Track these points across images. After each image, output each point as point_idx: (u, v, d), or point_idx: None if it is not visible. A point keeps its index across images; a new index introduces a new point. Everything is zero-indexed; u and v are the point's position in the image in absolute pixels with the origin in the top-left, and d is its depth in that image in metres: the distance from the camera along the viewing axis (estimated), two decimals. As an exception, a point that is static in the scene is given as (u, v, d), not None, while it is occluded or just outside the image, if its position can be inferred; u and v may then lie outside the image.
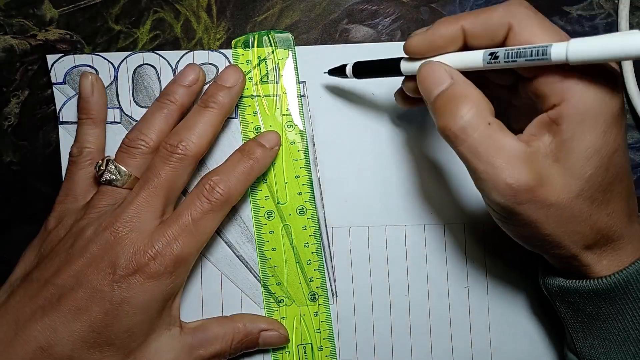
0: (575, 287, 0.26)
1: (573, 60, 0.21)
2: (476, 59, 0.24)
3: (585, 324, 0.26)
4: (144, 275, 0.27)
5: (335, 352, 0.34)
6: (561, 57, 0.21)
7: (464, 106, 0.24)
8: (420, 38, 0.25)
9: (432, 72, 0.25)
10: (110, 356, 0.28)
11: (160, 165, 0.29)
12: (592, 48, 0.21)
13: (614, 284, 0.24)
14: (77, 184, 0.31)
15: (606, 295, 0.25)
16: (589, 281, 0.25)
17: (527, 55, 0.22)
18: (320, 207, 0.34)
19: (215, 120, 0.30)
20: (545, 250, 0.26)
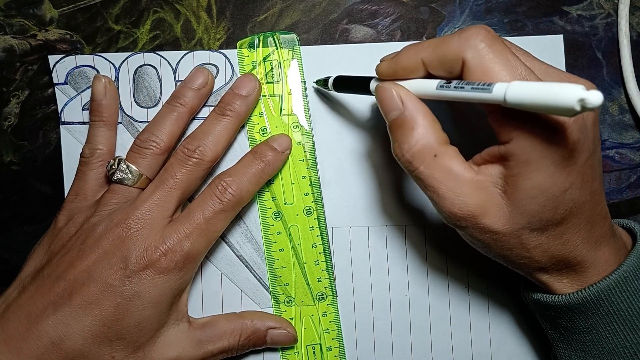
0: (547, 301, 0.27)
1: (510, 101, 0.20)
2: (432, 85, 0.24)
3: (563, 335, 0.27)
4: (154, 271, 0.28)
5: (344, 352, 0.34)
6: (500, 95, 0.21)
7: (411, 139, 0.25)
8: (386, 65, 0.26)
9: (385, 97, 0.26)
10: (120, 350, 0.28)
11: (177, 167, 0.30)
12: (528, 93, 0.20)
13: (582, 300, 0.25)
14: (88, 183, 0.31)
15: (578, 310, 0.25)
16: (556, 297, 0.26)
17: (474, 85, 0.22)
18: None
19: (231, 127, 0.31)
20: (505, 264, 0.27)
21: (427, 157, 0.25)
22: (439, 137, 0.25)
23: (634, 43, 0.34)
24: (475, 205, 0.24)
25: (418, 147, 0.25)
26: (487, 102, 0.21)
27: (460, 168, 0.24)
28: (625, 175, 0.34)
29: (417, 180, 0.26)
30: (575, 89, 0.18)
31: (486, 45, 0.23)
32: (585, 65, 0.34)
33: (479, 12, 0.34)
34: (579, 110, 0.18)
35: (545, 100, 0.19)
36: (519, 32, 0.34)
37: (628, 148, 0.34)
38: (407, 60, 0.25)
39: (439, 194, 0.25)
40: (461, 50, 0.23)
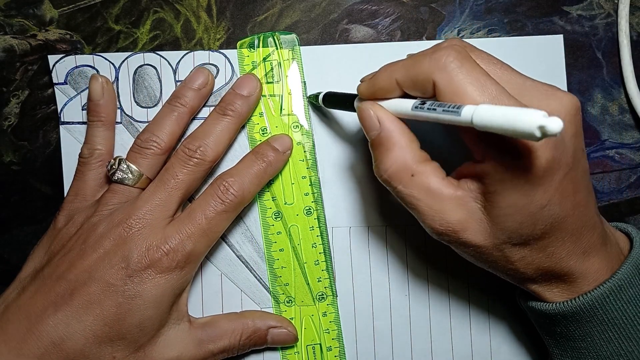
0: (541, 309, 0.27)
1: (477, 124, 0.20)
2: (407, 106, 0.25)
3: (558, 341, 0.27)
4: (156, 270, 0.28)
5: (344, 352, 0.34)
6: (468, 119, 0.21)
7: (388, 159, 0.25)
8: (365, 86, 0.27)
9: (364, 117, 0.26)
10: (121, 350, 0.28)
11: (178, 167, 0.30)
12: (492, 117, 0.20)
13: (576, 309, 0.25)
14: (87, 184, 0.31)
15: (572, 318, 0.25)
16: (549, 305, 0.26)
17: (445, 107, 0.22)
18: (320, 207, 0.34)
19: (232, 127, 0.32)
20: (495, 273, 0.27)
21: (405, 176, 0.25)
22: (416, 156, 0.25)
23: (634, 43, 0.34)
24: (456, 221, 0.24)
25: (395, 167, 0.25)
26: (457, 124, 0.21)
27: (439, 185, 0.25)
28: (625, 175, 0.34)
29: (398, 198, 0.26)
30: (535, 115, 0.18)
31: (456, 65, 0.23)
32: (585, 65, 0.34)
33: (479, 12, 0.34)
34: (539, 136, 0.18)
35: (509, 125, 0.19)
36: (519, 32, 0.34)
37: (628, 148, 0.34)
38: (383, 82, 0.25)
39: (419, 211, 0.25)
40: (431, 71, 0.23)
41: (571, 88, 0.34)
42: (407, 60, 0.25)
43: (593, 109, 0.34)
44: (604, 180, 0.34)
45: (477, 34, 0.34)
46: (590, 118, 0.34)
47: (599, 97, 0.34)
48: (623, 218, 0.34)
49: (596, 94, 0.34)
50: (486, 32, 0.34)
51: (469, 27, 0.34)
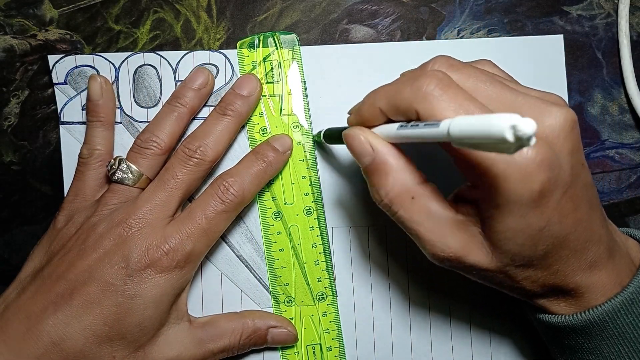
0: (549, 321, 0.26)
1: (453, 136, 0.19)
2: (392, 128, 0.24)
3: (566, 353, 0.27)
4: (156, 270, 0.28)
5: (344, 352, 0.34)
6: (444, 133, 0.20)
7: (387, 183, 0.24)
8: (352, 118, 0.26)
9: (354, 144, 0.25)
10: (121, 350, 0.28)
11: (178, 167, 0.30)
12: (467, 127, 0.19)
13: (585, 322, 0.25)
14: (87, 184, 0.31)
15: (581, 331, 0.25)
16: (558, 317, 0.26)
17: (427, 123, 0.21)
18: (320, 207, 0.34)
19: (232, 127, 0.31)
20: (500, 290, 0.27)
21: (405, 200, 0.24)
22: (415, 177, 0.24)
23: (634, 43, 0.34)
24: (458, 246, 0.24)
25: (395, 191, 0.24)
26: (437, 139, 0.21)
27: (439, 208, 0.24)
28: (625, 175, 0.34)
29: (398, 222, 0.25)
30: (507, 117, 0.17)
31: (438, 94, 0.22)
32: (585, 65, 0.34)
33: (479, 12, 0.34)
34: (512, 140, 0.16)
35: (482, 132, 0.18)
36: (519, 32, 0.34)
37: (628, 148, 0.34)
38: (367, 111, 0.25)
39: (419, 236, 0.24)
40: (413, 102, 0.23)
41: (571, 88, 0.34)
42: (389, 87, 0.24)
43: (593, 109, 0.34)
44: (604, 180, 0.34)
45: (477, 34, 0.34)
46: (590, 118, 0.34)
47: (599, 97, 0.34)
48: (623, 218, 0.34)
49: (596, 94, 0.34)
50: (486, 32, 0.34)
51: (469, 27, 0.34)
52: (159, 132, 0.31)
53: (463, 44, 0.33)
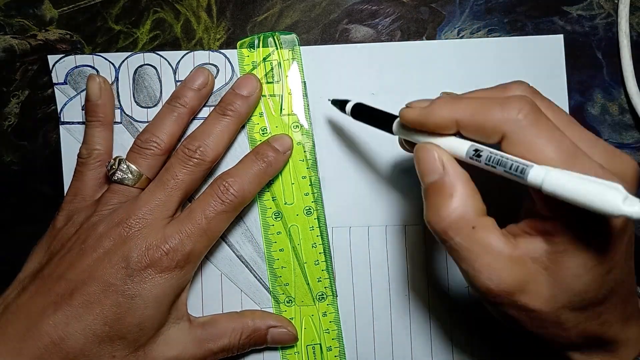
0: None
1: (547, 190, 0.19)
2: (462, 150, 0.23)
3: None
4: (156, 270, 0.28)
5: (344, 352, 0.34)
6: (537, 183, 0.20)
7: (449, 207, 0.23)
8: (415, 115, 0.24)
9: (425, 159, 0.24)
10: (121, 349, 0.28)
11: (178, 167, 0.30)
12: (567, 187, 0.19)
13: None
14: (86, 184, 0.31)
15: None
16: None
17: (507, 167, 0.21)
18: (320, 207, 0.34)
19: (231, 128, 0.31)
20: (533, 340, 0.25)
21: (465, 228, 0.23)
22: (478, 208, 0.23)
23: (634, 43, 0.34)
24: (514, 282, 0.22)
25: (455, 216, 0.23)
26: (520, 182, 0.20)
27: (498, 242, 0.23)
28: (625, 175, 0.34)
29: (451, 251, 0.24)
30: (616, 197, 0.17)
31: (531, 121, 0.21)
32: (585, 65, 0.34)
33: (479, 12, 0.34)
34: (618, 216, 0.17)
35: (585, 200, 0.18)
36: (519, 32, 0.34)
37: (628, 148, 0.34)
38: (441, 118, 0.23)
39: (474, 268, 0.23)
40: (502, 123, 0.22)
41: (571, 88, 0.34)
42: (474, 102, 0.23)
43: (593, 109, 0.34)
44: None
45: (477, 34, 0.34)
46: (590, 118, 0.34)
47: (599, 97, 0.34)
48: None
49: (596, 94, 0.34)
50: (486, 32, 0.34)
51: (469, 27, 0.34)
52: (159, 132, 0.31)
53: (463, 44, 0.33)
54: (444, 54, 0.33)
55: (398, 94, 0.33)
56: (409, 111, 0.25)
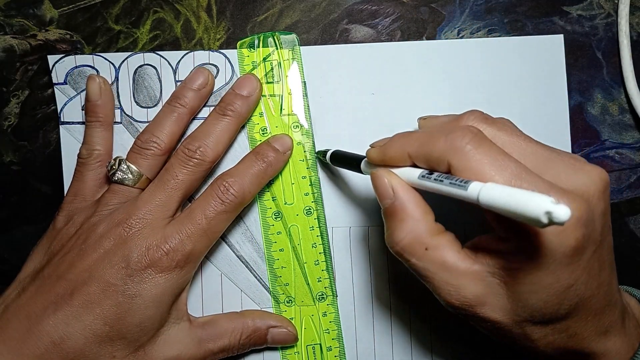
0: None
1: (482, 203, 0.20)
2: (414, 175, 0.24)
3: None
4: (156, 270, 0.28)
5: (344, 352, 0.34)
6: (474, 196, 0.20)
7: (401, 231, 0.24)
8: (375, 153, 0.26)
9: (378, 185, 0.25)
10: (121, 349, 0.28)
11: (178, 168, 0.30)
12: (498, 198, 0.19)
13: None
14: (86, 184, 0.31)
15: None
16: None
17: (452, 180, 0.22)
18: (320, 207, 0.34)
19: (231, 128, 0.32)
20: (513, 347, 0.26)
21: (418, 250, 0.24)
22: (431, 229, 0.24)
23: (634, 43, 0.34)
24: (473, 297, 0.23)
25: (408, 239, 0.24)
26: (464, 199, 0.21)
27: (454, 259, 0.23)
28: (625, 175, 0.34)
29: (411, 269, 0.25)
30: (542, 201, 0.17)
31: (472, 147, 0.22)
32: (585, 65, 0.34)
33: (479, 12, 0.34)
34: (546, 223, 0.17)
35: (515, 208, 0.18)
36: (519, 32, 0.34)
37: (628, 148, 0.34)
38: (394, 152, 0.25)
39: (434, 285, 0.24)
40: (446, 153, 0.22)
41: (571, 88, 0.34)
42: (421, 135, 0.24)
43: (593, 109, 0.34)
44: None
45: (477, 34, 0.34)
46: (590, 118, 0.34)
47: (599, 97, 0.34)
48: (623, 218, 0.34)
49: (596, 94, 0.34)
50: (486, 32, 0.34)
51: (469, 27, 0.34)
52: (159, 132, 0.31)
53: (463, 44, 0.33)
54: (444, 54, 0.33)
55: (398, 94, 0.33)
56: (371, 150, 0.27)
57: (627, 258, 0.34)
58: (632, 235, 0.35)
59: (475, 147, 0.22)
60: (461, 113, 0.25)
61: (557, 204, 0.17)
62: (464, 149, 0.22)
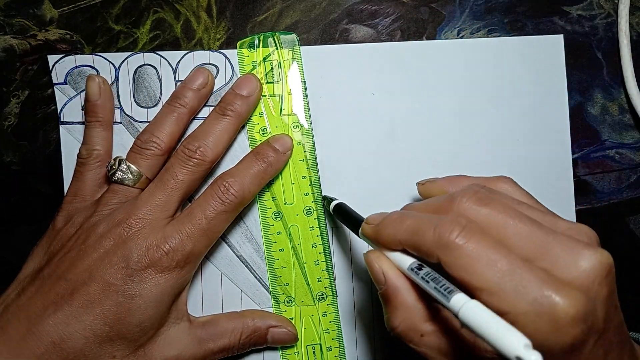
0: None
1: (461, 320, 0.20)
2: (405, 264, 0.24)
3: None
4: (156, 270, 0.28)
5: (344, 352, 0.34)
6: (455, 310, 0.20)
7: (395, 319, 0.24)
8: (370, 232, 0.26)
9: (371, 270, 0.25)
10: (121, 349, 0.28)
11: (178, 168, 0.30)
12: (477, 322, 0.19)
13: None
14: (86, 184, 0.31)
15: None
16: None
17: (438, 285, 0.21)
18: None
19: (231, 128, 0.31)
20: None
21: (414, 337, 0.24)
22: (425, 315, 0.24)
23: (634, 43, 0.34)
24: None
25: (402, 327, 0.24)
26: (447, 308, 0.21)
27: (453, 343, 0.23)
28: (625, 175, 0.34)
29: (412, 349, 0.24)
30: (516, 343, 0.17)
31: (462, 242, 0.21)
32: (585, 65, 0.34)
33: (479, 12, 0.34)
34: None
35: (489, 338, 0.18)
36: (519, 32, 0.34)
37: (628, 148, 0.34)
38: (387, 237, 0.25)
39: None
40: (435, 248, 0.22)
41: (571, 88, 0.34)
42: (411, 224, 0.24)
43: (593, 109, 0.34)
44: (604, 180, 0.34)
45: (477, 34, 0.34)
46: (590, 118, 0.34)
47: (599, 97, 0.34)
48: (623, 218, 0.34)
49: (596, 94, 0.34)
50: (486, 32, 0.34)
51: (469, 27, 0.34)
52: (159, 132, 0.31)
53: (463, 44, 0.33)
54: (444, 54, 0.33)
55: (398, 94, 0.34)
56: (366, 227, 0.26)
57: (627, 258, 0.34)
58: (632, 235, 0.35)
59: (464, 242, 0.21)
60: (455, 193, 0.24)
61: (530, 349, 0.17)
62: (452, 244, 0.21)
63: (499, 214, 0.23)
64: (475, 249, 0.21)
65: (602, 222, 0.34)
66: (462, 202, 0.24)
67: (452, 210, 0.23)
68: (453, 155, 0.33)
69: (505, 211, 0.23)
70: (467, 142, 0.33)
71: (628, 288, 0.34)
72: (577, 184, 0.34)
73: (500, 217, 0.23)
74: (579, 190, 0.34)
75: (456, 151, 0.33)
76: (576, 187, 0.34)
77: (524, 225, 0.22)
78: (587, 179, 0.34)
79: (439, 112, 0.34)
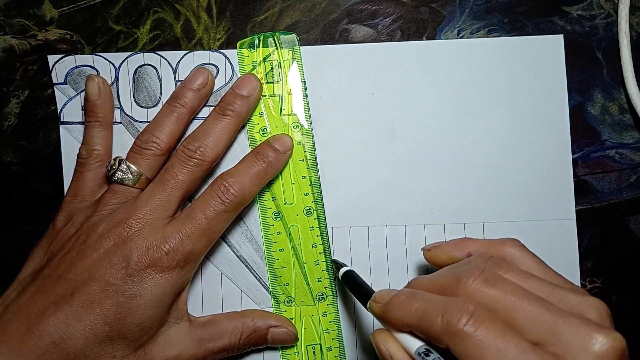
0: None
1: None
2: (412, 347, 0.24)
3: None
4: (156, 270, 0.28)
5: (344, 352, 0.34)
6: None
7: None
8: (377, 311, 0.26)
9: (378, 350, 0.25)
10: (121, 349, 0.28)
11: (178, 168, 0.30)
12: None
13: None
14: (86, 184, 0.31)
15: None
16: None
17: None
18: (320, 207, 0.34)
19: (231, 128, 0.32)
20: None
21: None
22: None
23: (634, 43, 0.34)
24: None
25: None
26: None
27: None
28: (625, 175, 0.34)
29: None
30: None
31: (471, 329, 0.21)
32: (585, 65, 0.34)
33: (479, 12, 0.34)
34: None
35: None
36: (519, 32, 0.34)
37: (628, 148, 0.34)
38: (395, 319, 0.24)
39: None
40: (443, 335, 0.22)
41: (571, 88, 0.34)
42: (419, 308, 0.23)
43: (593, 109, 0.34)
44: (604, 180, 0.34)
45: (477, 34, 0.34)
46: (590, 118, 0.34)
47: (599, 97, 0.34)
48: (623, 218, 0.34)
49: (596, 94, 0.34)
50: (486, 32, 0.34)
51: (469, 27, 0.34)
52: (159, 132, 0.31)
53: (463, 44, 0.33)
54: (444, 54, 0.33)
55: (398, 94, 0.34)
56: (373, 305, 0.26)
57: (627, 258, 0.34)
58: (632, 235, 0.35)
59: (473, 331, 0.21)
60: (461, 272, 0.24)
61: None
62: (461, 333, 0.21)
63: (507, 295, 0.22)
64: (485, 338, 0.21)
65: (602, 222, 0.34)
66: (469, 284, 0.23)
67: (459, 292, 0.23)
68: (453, 155, 0.33)
69: (513, 292, 0.23)
70: (467, 142, 0.33)
71: (628, 288, 0.34)
72: (577, 184, 0.34)
73: (508, 299, 0.22)
74: (579, 190, 0.34)
75: (456, 151, 0.33)
76: (576, 187, 0.34)
77: (533, 307, 0.22)
78: (587, 179, 0.34)
79: (439, 112, 0.34)
